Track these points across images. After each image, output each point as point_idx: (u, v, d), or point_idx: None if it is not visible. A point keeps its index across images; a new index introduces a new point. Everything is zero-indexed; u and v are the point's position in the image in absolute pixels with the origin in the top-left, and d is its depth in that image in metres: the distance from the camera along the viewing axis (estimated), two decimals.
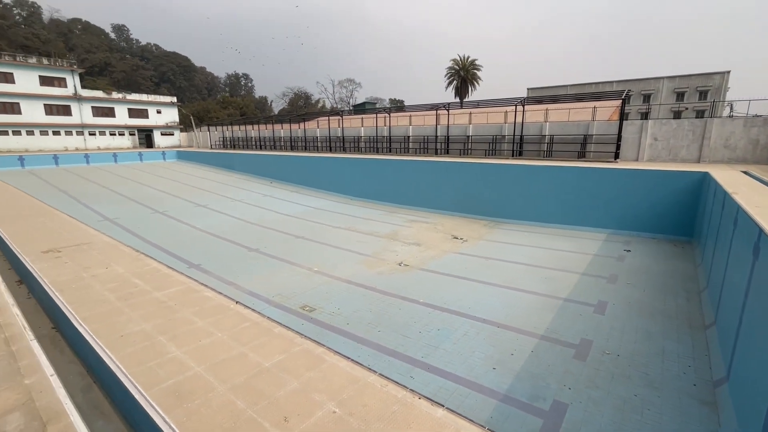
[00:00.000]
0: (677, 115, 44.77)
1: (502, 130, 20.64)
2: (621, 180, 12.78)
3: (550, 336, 6.23)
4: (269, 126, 38.43)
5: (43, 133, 40.88)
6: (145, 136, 49.03)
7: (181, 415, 2.33)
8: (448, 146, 22.43)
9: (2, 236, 6.81)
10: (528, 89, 34.54)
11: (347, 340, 6.13)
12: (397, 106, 35.62)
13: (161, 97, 51.85)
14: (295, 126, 34.96)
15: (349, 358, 2.89)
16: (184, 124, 54.53)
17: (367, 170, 20.56)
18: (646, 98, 47.91)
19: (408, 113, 26.60)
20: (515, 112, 19.23)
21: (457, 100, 49.75)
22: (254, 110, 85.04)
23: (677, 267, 9.51)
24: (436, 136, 22.81)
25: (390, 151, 25.30)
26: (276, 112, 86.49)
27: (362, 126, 28.81)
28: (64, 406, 2.67)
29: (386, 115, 26.51)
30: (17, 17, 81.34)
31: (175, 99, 53.38)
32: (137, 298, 4.13)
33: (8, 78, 38.33)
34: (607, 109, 18.93)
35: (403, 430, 2.50)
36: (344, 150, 28.63)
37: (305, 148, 32.46)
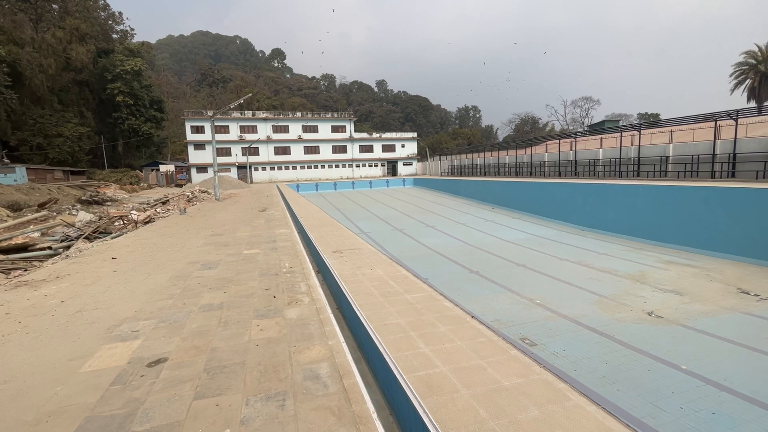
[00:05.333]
0: None
1: None
2: None
3: None
4: (494, 153, 39.31)
5: (329, 166, 56.50)
6: (391, 166, 59.78)
7: (432, 405, 2.75)
8: (733, 166, 16.74)
9: (311, 238, 9.85)
10: None
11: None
12: (650, 122, 29.56)
13: (405, 133, 62.58)
14: (521, 151, 34.38)
15: (599, 404, 2.64)
16: (421, 155, 63.21)
17: (606, 197, 17.81)
18: None
19: (667, 128, 21.51)
20: None
21: (753, 104, 36.43)
22: (480, 139, 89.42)
23: None
24: (714, 155, 17.43)
25: (638, 176, 21.09)
26: (501, 139, 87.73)
27: (600, 147, 25.35)
28: (351, 367, 3.65)
29: (634, 132, 22.33)
30: (322, 87, 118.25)
31: (415, 134, 63.23)
32: (393, 296, 5.13)
33: (314, 129, 55.49)
34: None
35: None
36: (576, 175, 25.90)
37: (530, 174, 31.33)
